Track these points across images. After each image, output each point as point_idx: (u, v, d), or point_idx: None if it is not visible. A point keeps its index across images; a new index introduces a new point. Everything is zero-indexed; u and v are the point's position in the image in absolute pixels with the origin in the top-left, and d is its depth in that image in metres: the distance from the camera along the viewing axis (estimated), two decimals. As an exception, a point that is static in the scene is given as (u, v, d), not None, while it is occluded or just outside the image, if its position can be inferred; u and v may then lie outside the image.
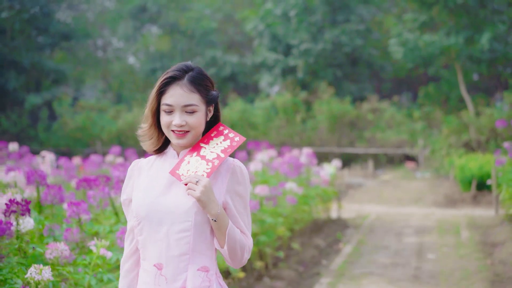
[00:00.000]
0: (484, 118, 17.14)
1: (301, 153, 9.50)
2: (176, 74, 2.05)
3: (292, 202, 6.68)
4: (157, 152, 2.15)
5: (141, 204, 2.05)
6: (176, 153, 2.12)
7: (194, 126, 2.04)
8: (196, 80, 2.05)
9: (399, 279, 6.20)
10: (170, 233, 2.01)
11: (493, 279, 5.99)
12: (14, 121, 22.73)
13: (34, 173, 4.28)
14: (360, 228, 9.41)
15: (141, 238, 2.07)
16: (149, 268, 2.05)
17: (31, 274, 2.57)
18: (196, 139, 2.09)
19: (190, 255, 2.02)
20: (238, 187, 2.08)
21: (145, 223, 2.04)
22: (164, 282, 2.01)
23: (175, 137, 2.05)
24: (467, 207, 11.59)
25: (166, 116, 2.04)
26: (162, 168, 2.10)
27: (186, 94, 2.03)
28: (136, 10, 28.12)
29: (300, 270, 6.59)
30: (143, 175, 2.13)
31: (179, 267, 2.01)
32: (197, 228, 2.01)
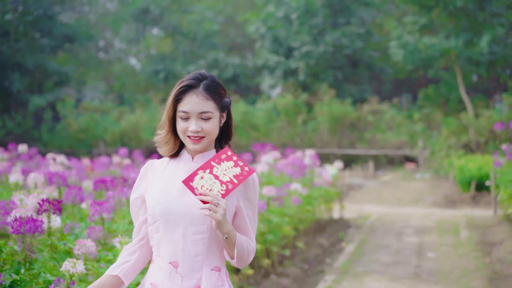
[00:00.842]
0: (483, 120, 17.36)
1: (304, 155, 9.74)
2: (192, 82, 2.14)
3: (297, 203, 6.91)
4: (173, 156, 2.24)
5: (157, 204, 2.14)
6: (190, 157, 2.21)
7: (209, 132, 2.14)
8: (211, 88, 2.15)
9: (400, 277, 6.42)
10: (187, 234, 2.11)
11: (491, 277, 6.21)
12: (18, 123, 22.96)
13: (55, 175, 4.51)
14: (361, 228, 9.64)
15: (156, 236, 2.16)
16: (164, 265, 2.14)
17: (66, 267, 2.80)
18: (210, 144, 2.19)
19: (204, 255, 2.13)
20: (250, 193, 2.20)
21: (161, 222, 2.13)
22: (180, 280, 2.12)
23: (191, 143, 2.15)
24: (466, 208, 11.82)
25: (182, 123, 2.14)
26: (177, 171, 2.20)
27: (202, 101, 2.12)
28: (139, 12, 28.35)
29: (305, 268, 6.82)
30: (157, 175, 2.22)
31: (194, 266, 2.12)
32: (212, 231, 2.12)
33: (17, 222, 2.91)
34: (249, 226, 2.21)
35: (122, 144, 21.92)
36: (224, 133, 2.26)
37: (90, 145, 22.27)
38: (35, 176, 4.99)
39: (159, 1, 28.22)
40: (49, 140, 22.15)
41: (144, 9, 28.26)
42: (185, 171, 2.18)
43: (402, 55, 19.92)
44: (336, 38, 22.92)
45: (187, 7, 29.41)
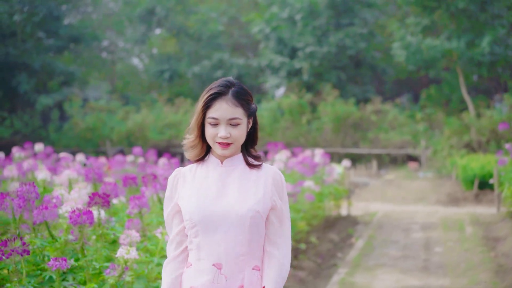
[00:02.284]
0: (485, 120, 17.66)
1: (313, 154, 10.06)
2: (221, 89, 2.19)
3: (310, 199, 7.22)
4: (199, 161, 2.31)
5: (194, 209, 2.19)
6: (219, 161, 2.27)
7: (237, 138, 2.21)
8: (239, 95, 2.21)
9: (410, 270, 6.74)
10: (228, 235, 2.17)
11: (497, 270, 6.53)
12: (25, 122, 23.25)
13: (91, 171, 4.82)
14: (369, 224, 9.95)
15: (195, 240, 2.21)
16: (206, 267, 2.19)
17: (121, 254, 3.10)
18: (237, 149, 2.26)
19: (246, 256, 2.20)
20: (281, 192, 2.28)
21: (200, 227, 2.19)
22: (224, 281, 2.18)
23: (220, 148, 2.21)
24: (470, 205, 12.12)
25: (211, 129, 2.20)
26: (208, 175, 2.26)
27: (231, 108, 2.18)
28: (145, 13, 28.65)
29: (319, 262, 7.14)
30: (188, 182, 2.28)
31: (238, 266, 2.19)
32: (252, 230, 2.19)
33: (75, 213, 3.21)
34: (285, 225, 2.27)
35: (129, 143, 22.22)
36: (250, 138, 2.31)
37: (97, 144, 22.55)
38: (68, 173, 5.29)
39: (165, 2, 28.51)
40: (56, 139, 22.43)
41: (150, 10, 28.55)
42: (216, 175, 2.25)
43: (405, 56, 20.17)
44: (340, 39, 23.23)
45: (192, 8, 29.70)
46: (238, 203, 2.18)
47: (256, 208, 2.18)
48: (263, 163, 2.31)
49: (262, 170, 2.28)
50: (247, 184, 2.23)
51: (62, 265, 2.90)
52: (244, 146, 2.30)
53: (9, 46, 23.17)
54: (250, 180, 2.25)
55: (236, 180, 2.24)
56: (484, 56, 19.40)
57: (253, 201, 2.19)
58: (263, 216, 2.21)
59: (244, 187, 2.23)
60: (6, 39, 23.44)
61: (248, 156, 2.30)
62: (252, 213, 2.17)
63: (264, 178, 2.25)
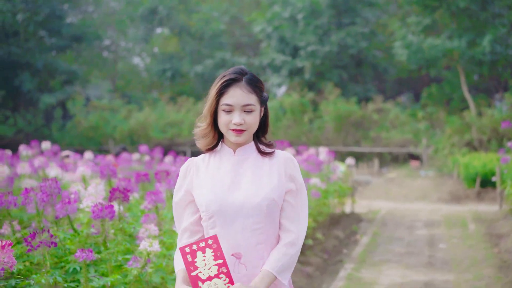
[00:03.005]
0: (486, 119, 17.77)
1: (318, 152, 10.18)
2: (235, 76, 2.20)
3: (316, 196, 7.33)
4: (209, 150, 2.30)
5: (211, 200, 2.20)
6: (232, 150, 2.27)
7: (251, 124, 2.20)
8: (253, 82, 2.21)
9: (415, 265, 6.85)
10: (246, 225, 2.18)
11: (500, 265, 6.64)
12: (28, 121, 23.35)
13: (106, 168, 4.93)
14: (373, 221, 10.06)
15: (213, 231, 2.21)
16: (226, 257, 2.19)
17: (144, 246, 3.21)
18: (250, 137, 2.25)
19: (264, 244, 2.21)
20: (295, 174, 2.26)
21: (217, 217, 2.20)
22: (244, 270, 2.19)
23: (234, 135, 2.20)
24: (472, 203, 12.24)
25: (225, 116, 2.19)
26: (222, 165, 2.27)
27: (245, 94, 2.18)
28: (147, 12, 28.74)
29: (325, 258, 7.25)
30: (201, 172, 2.28)
31: (257, 255, 2.20)
32: (268, 219, 2.20)
33: (98, 207, 3.32)
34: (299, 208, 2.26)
35: (131, 142, 22.35)
36: (261, 126, 2.31)
37: (100, 142, 22.67)
38: (83, 170, 5.40)
39: (167, 1, 28.61)
40: (59, 138, 22.55)
41: (152, 9, 28.65)
42: (229, 165, 2.25)
43: (406, 55, 20.29)
44: (341, 38, 23.35)
45: (194, 7, 29.81)
46: (253, 192, 2.19)
47: (271, 196, 2.19)
48: (275, 150, 2.30)
49: (274, 157, 2.27)
50: (260, 172, 2.23)
51: (88, 256, 3.00)
52: (256, 135, 2.31)
53: (12, 45, 23.28)
54: (263, 169, 2.24)
55: (249, 170, 2.24)
56: (485, 55, 19.51)
57: (268, 190, 2.19)
58: (278, 203, 2.22)
59: (258, 176, 2.22)
60: (9, 38, 23.54)
61: (260, 144, 2.30)
62: (267, 201, 2.18)
63: (277, 165, 2.24)
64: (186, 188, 2.28)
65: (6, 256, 2.24)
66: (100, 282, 3.13)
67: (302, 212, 2.28)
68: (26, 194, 3.48)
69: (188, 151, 21.89)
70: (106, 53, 33.43)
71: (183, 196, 2.28)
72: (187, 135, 21.91)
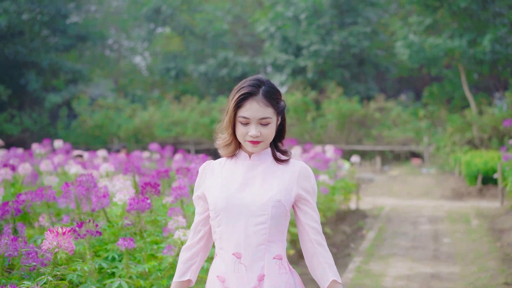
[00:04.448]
0: (487, 117, 18.03)
1: (324, 150, 10.45)
2: (251, 90, 2.22)
3: (325, 192, 7.60)
4: (231, 156, 2.36)
5: (219, 198, 2.24)
6: (247, 155, 2.32)
7: (267, 136, 2.24)
8: (269, 95, 2.24)
9: (421, 258, 7.12)
10: (248, 225, 2.21)
11: (503, 258, 6.91)
12: (34, 120, 23.60)
13: (130, 164, 5.19)
14: (378, 217, 10.34)
15: (218, 230, 2.26)
16: (227, 256, 2.23)
17: (178, 236, 3.47)
18: (266, 146, 2.30)
19: (266, 245, 2.21)
20: (307, 184, 2.30)
21: (223, 215, 2.23)
22: (244, 270, 2.21)
23: (251, 146, 2.25)
24: (474, 200, 12.52)
25: (242, 127, 2.24)
26: (236, 168, 2.32)
27: (262, 108, 2.21)
28: (151, 12, 29.00)
29: (334, 251, 7.52)
30: (216, 174, 2.33)
31: (257, 256, 2.21)
32: (273, 221, 2.21)
33: (134, 200, 3.58)
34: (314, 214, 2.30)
35: (136, 140, 22.62)
36: (279, 133, 2.35)
37: (105, 141, 22.92)
38: (106, 167, 5.66)
39: (170, 1, 28.87)
40: (64, 136, 22.80)
41: (156, 9, 28.91)
42: (244, 168, 2.30)
43: (408, 55, 20.49)
44: (343, 37, 23.61)
45: (197, 7, 30.07)
46: (260, 193, 2.22)
47: (278, 198, 2.21)
48: (291, 158, 2.33)
49: (289, 165, 2.31)
50: (272, 176, 2.27)
51: (129, 244, 3.27)
52: (272, 141, 2.34)
53: (17, 44, 23.52)
54: (276, 174, 2.28)
55: (261, 173, 2.28)
56: (485, 54, 19.71)
57: (275, 191, 2.22)
58: (285, 205, 2.23)
59: (269, 179, 2.26)
60: (15, 38, 23.79)
61: (277, 151, 2.34)
62: (273, 202, 2.20)
63: (290, 172, 2.28)
64: (202, 189, 2.35)
65: (66, 241, 2.50)
66: (138, 268, 3.40)
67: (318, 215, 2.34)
68: (66, 188, 3.74)
69: (192, 149, 22.17)
70: (108, 52, 33.67)
71: (199, 195, 2.36)
72: (191, 134, 22.19)
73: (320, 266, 2.27)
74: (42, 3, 24.03)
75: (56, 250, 2.48)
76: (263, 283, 2.21)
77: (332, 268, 2.26)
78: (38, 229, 4.05)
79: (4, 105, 23.65)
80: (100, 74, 31.62)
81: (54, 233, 2.49)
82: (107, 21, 32.00)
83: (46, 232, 2.50)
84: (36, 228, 4.14)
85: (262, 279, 2.21)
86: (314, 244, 2.28)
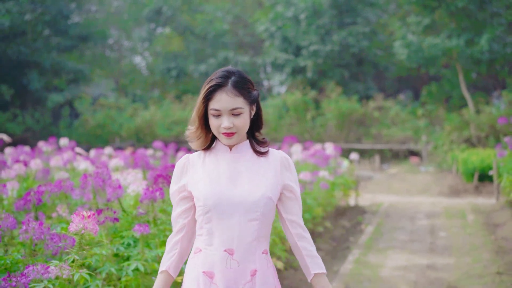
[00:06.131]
0: (484, 116, 18.28)
1: (323, 147, 10.72)
2: (220, 81, 2.20)
3: (325, 188, 7.86)
4: (205, 149, 2.34)
5: (208, 195, 2.21)
6: (228, 148, 2.30)
7: (240, 127, 2.23)
8: (239, 85, 2.21)
9: (419, 251, 7.38)
10: (242, 222, 2.21)
11: (497, 250, 7.17)
12: (36, 119, 23.85)
13: (141, 159, 5.44)
14: (376, 213, 10.60)
15: (207, 226, 2.23)
16: (217, 253, 2.22)
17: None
18: (243, 136, 2.29)
19: (257, 241, 2.24)
20: (289, 174, 2.32)
21: (214, 212, 2.21)
22: (236, 265, 2.21)
23: (225, 138, 2.24)
24: (470, 196, 12.78)
25: (214, 120, 2.23)
26: (217, 162, 2.30)
27: (231, 99, 2.20)
28: (152, 13, 29.25)
29: (334, 245, 7.78)
30: (198, 168, 2.30)
31: (250, 251, 2.22)
32: (264, 217, 2.24)
33: (149, 190, 3.84)
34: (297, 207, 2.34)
35: (138, 139, 22.87)
36: (255, 123, 2.34)
37: (107, 140, 23.17)
38: (116, 162, 5.92)
39: (171, 2, 29.12)
40: (66, 135, 23.01)
41: (157, 10, 29.16)
42: (226, 161, 2.29)
43: (406, 54, 20.74)
44: (343, 37, 23.87)
45: (197, 7, 30.33)
46: (251, 190, 2.22)
47: (269, 195, 2.23)
48: (269, 148, 2.34)
49: (270, 156, 2.32)
50: (257, 170, 2.27)
51: (145, 230, 3.52)
52: (250, 132, 2.34)
53: (20, 44, 23.76)
54: (260, 167, 2.29)
55: (246, 167, 2.28)
56: (483, 54, 19.94)
57: (265, 188, 2.23)
58: (274, 201, 2.26)
59: (255, 173, 2.26)
60: (17, 38, 24.03)
61: (255, 142, 2.33)
62: (265, 200, 2.22)
63: (273, 163, 2.30)
64: (182, 182, 2.31)
65: (91, 223, 2.75)
66: (151, 253, 3.65)
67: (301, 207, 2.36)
68: (84, 179, 4.00)
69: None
70: (109, 52, 33.91)
71: (176, 189, 2.33)
72: (192, 133, 22.41)
73: (302, 259, 2.32)
74: (44, 4, 24.28)
75: (82, 232, 2.73)
76: (255, 278, 2.23)
77: (314, 260, 2.30)
78: (56, 219, 4.30)
79: (7, 105, 23.90)
80: (100, 74, 31.85)
81: (80, 217, 2.74)
82: (107, 21, 32.24)
83: (73, 216, 2.75)
84: (54, 218, 4.39)
85: (254, 274, 2.23)
86: (295, 239, 2.32)
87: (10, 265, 3.25)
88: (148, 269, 3.54)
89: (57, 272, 2.76)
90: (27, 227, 3.21)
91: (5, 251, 3.61)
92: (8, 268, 3.27)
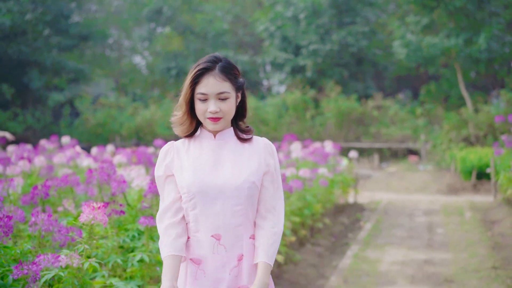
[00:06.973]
0: (482, 115, 18.39)
1: (323, 145, 10.84)
2: (208, 65, 2.21)
3: (324, 185, 7.97)
4: (188, 137, 2.31)
5: (192, 182, 2.20)
6: (212, 135, 2.29)
7: (227, 112, 2.23)
8: (226, 70, 2.22)
9: (416, 247, 7.50)
10: (226, 206, 2.20)
11: (493, 246, 7.30)
12: (37, 118, 23.96)
13: (143, 155, 5.56)
14: (375, 210, 10.72)
15: (193, 213, 2.22)
16: (205, 239, 2.21)
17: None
18: (228, 123, 2.29)
19: (244, 225, 2.24)
20: (272, 160, 2.32)
21: (198, 199, 2.20)
22: (224, 251, 2.21)
23: (211, 123, 2.23)
24: (468, 194, 12.91)
25: (201, 104, 2.21)
26: (202, 149, 2.28)
27: (219, 82, 2.19)
28: (152, 13, 29.36)
29: (333, 240, 7.90)
30: (182, 155, 2.28)
31: (236, 236, 2.22)
32: (248, 201, 2.24)
33: (152, 184, 3.95)
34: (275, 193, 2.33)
35: (138, 138, 22.99)
36: (240, 111, 2.34)
37: (107, 139, 23.28)
38: (119, 158, 6.04)
39: (171, 2, 29.22)
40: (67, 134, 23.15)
41: (157, 10, 29.27)
42: (210, 148, 2.28)
43: (405, 54, 20.86)
44: (342, 37, 24.00)
45: (197, 7, 30.44)
46: (234, 175, 2.22)
47: (252, 179, 2.23)
48: (253, 136, 2.34)
49: (253, 142, 2.32)
50: (240, 156, 2.27)
51: (150, 222, 3.64)
52: (234, 120, 2.34)
53: (21, 44, 23.87)
54: (244, 153, 2.29)
55: (230, 153, 2.28)
56: (482, 53, 20.06)
57: (248, 173, 2.23)
58: (258, 186, 2.26)
59: (238, 159, 2.26)
60: (18, 37, 24.14)
61: (239, 130, 2.33)
62: (248, 184, 2.22)
63: (257, 149, 2.30)
64: (166, 166, 2.28)
65: (101, 214, 2.86)
66: (155, 245, 3.77)
67: (279, 200, 2.34)
68: (90, 174, 4.11)
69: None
70: (109, 52, 34.02)
71: (161, 175, 2.29)
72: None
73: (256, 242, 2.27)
74: (45, 3, 24.39)
75: (92, 222, 2.84)
76: (242, 262, 2.23)
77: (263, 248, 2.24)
78: (63, 212, 4.41)
79: (8, 104, 24.02)
80: (100, 74, 31.96)
81: (90, 208, 2.85)
82: (108, 21, 32.34)
83: (83, 207, 2.86)
84: (60, 212, 4.50)
85: (241, 258, 2.24)
86: (258, 221, 2.29)
87: (20, 255, 3.36)
88: (152, 260, 3.66)
89: (67, 261, 2.87)
90: (36, 219, 3.33)
91: (14, 243, 3.73)
92: (17, 259, 3.39)
